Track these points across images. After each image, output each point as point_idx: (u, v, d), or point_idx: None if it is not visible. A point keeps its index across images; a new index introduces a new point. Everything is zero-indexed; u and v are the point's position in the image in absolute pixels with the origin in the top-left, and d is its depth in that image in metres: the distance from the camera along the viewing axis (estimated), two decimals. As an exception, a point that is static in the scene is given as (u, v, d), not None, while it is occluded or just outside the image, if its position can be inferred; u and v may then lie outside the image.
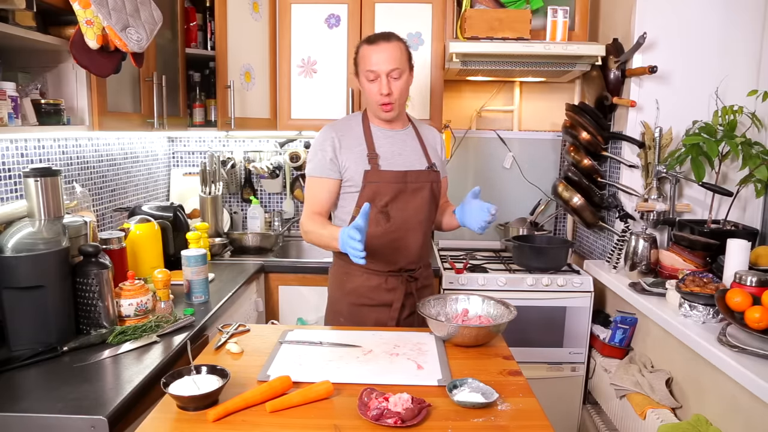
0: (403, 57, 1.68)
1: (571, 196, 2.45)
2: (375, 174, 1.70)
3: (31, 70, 1.63)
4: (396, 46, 1.67)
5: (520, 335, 2.26)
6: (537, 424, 1.10)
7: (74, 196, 1.95)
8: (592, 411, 2.33)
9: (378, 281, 1.76)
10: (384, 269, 1.75)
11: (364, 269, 1.75)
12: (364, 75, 1.69)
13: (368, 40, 1.69)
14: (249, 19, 2.45)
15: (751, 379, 1.35)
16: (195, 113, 2.51)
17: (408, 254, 1.76)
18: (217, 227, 2.54)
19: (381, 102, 1.69)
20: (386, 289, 1.76)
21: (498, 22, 2.33)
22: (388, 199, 1.71)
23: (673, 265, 2.02)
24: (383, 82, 1.65)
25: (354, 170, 1.71)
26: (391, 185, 1.71)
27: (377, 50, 1.66)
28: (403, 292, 1.75)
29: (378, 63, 1.65)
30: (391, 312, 1.75)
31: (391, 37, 1.69)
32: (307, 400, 1.16)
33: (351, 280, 1.78)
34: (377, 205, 1.70)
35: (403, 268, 1.76)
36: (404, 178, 1.72)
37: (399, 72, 1.67)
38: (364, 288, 1.76)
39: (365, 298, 1.77)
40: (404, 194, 1.72)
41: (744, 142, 1.91)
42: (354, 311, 1.78)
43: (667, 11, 2.18)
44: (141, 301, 1.58)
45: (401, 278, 1.76)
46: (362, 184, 1.70)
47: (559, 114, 2.74)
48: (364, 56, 1.69)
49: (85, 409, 1.10)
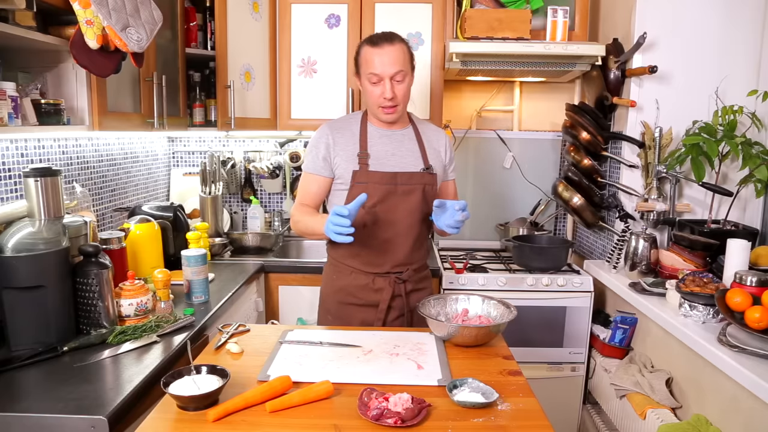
0: (406, 59, 1.66)
1: (571, 196, 2.45)
2: (363, 174, 1.68)
3: (31, 70, 1.63)
4: (399, 49, 1.64)
5: (520, 335, 2.26)
6: (537, 424, 1.10)
7: (74, 196, 1.95)
8: (592, 411, 2.33)
9: (365, 281, 1.75)
10: (372, 270, 1.74)
11: (353, 268, 1.75)
12: (366, 77, 1.66)
13: (371, 42, 1.66)
14: (249, 19, 2.45)
15: (751, 379, 1.35)
16: (195, 113, 2.51)
17: (395, 257, 1.74)
18: (217, 227, 2.54)
19: (383, 105, 1.67)
20: (373, 289, 1.75)
21: (498, 22, 2.33)
22: (376, 200, 1.69)
23: (673, 265, 2.02)
24: (387, 86, 1.63)
25: (344, 169, 1.70)
26: (380, 186, 1.68)
27: (380, 53, 1.62)
28: (390, 293, 1.74)
29: (381, 66, 1.62)
30: (378, 313, 1.74)
31: (394, 39, 1.65)
32: (307, 400, 1.16)
33: (340, 279, 1.78)
34: (365, 206, 1.67)
35: (390, 271, 1.75)
36: (394, 180, 1.69)
37: (402, 75, 1.64)
38: (352, 287, 1.76)
39: (352, 297, 1.76)
40: (394, 196, 1.70)
41: (744, 142, 1.91)
42: (341, 309, 1.78)
43: (667, 11, 2.18)
44: (141, 301, 1.58)
45: (389, 279, 1.74)
46: (351, 183, 1.69)
47: (559, 114, 2.74)
48: (366, 58, 1.65)
49: (85, 409, 1.10)
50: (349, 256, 1.76)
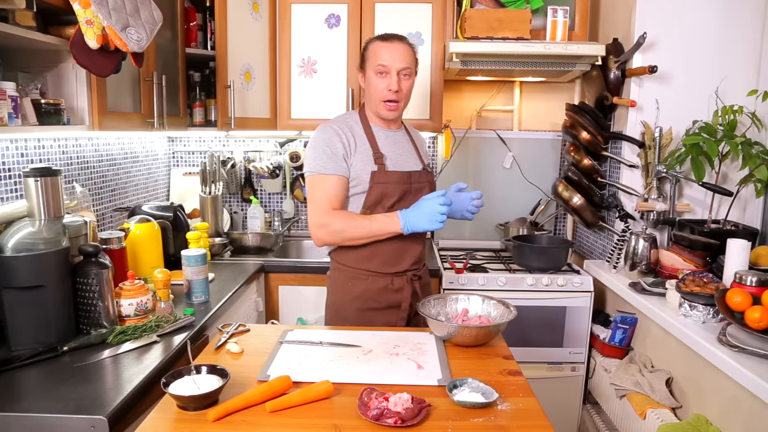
0: (412, 59, 1.72)
1: (571, 196, 2.45)
2: (382, 175, 1.69)
3: (31, 70, 1.63)
4: (408, 48, 1.71)
5: (520, 335, 2.26)
6: (537, 424, 1.10)
7: (74, 196, 1.95)
8: (592, 411, 2.33)
9: (384, 283, 1.74)
10: (390, 271, 1.74)
11: (369, 272, 1.74)
12: (373, 69, 1.69)
13: (381, 38, 1.72)
14: (249, 18, 2.45)
15: (751, 379, 1.35)
16: (195, 113, 2.51)
17: (413, 254, 1.77)
18: (217, 227, 2.54)
19: (387, 98, 1.68)
20: (393, 290, 1.75)
21: (498, 22, 2.33)
22: (395, 200, 1.71)
23: (673, 265, 2.02)
24: (393, 78, 1.67)
25: (361, 170, 1.68)
26: (398, 186, 1.71)
27: (391, 47, 1.67)
28: (410, 291, 1.75)
29: (392, 59, 1.67)
30: (401, 312, 1.74)
31: (403, 39, 1.72)
32: (307, 400, 1.15)
33: (356, 285, 1.75)
34: (384, 206, 1.70)
35: (408, 269, 1.77)
36: (409, 179, 1.73)
37: (409, 72, 1.69)
38: (371, 291, 1.74)
39: (372, 301, 1.74)
40: (409, 195, 1.73)
41: (744, 142, 1.91)
42: (362, 316, 1.74)
43: (667, 11, 2.18)
44: (141, 301, 1.58)
45: (406, 277, 1.75)
46: (369, 184, 1.69)
47: (559, 114, 2.74)
48: (375, 51, 1.69)
49: (85, 409, 1.10)
50: (364, 259, 1.73)
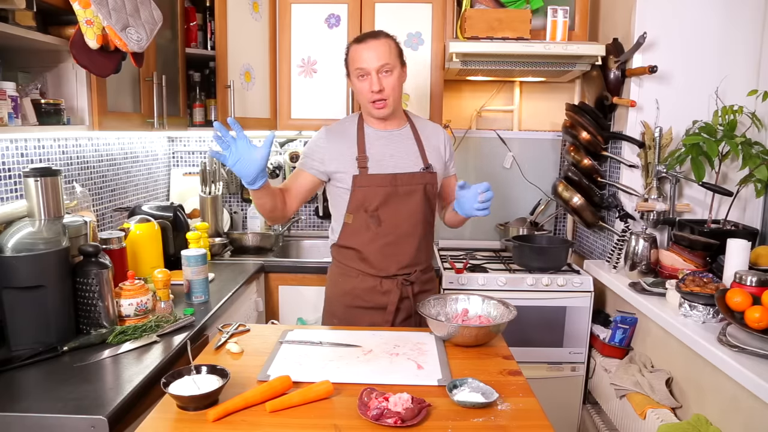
0: (392, 53, 1.67)
1: (571, 196, 2.45)
2: (364, 178, 1.69)
3: (31, 70, 1.63)
4: (384, 43, 1.66)
5: (520, 335, 2.26)
6: (537, 424, 1.10)
7: (74, 196, 1.95)
8: (592, 411, 2.33)
9: (373, 283, 1.75)
10: (378, 273, 1.74)
11: (359, 271, 1.75)
12: (354, 74, 1.69)
13: (356, 40, 1.69)
14: (249, 18, 2.45)
15: (751, 379, 1.35)
16: (195, 113, 2.50)
17: (401, 259, 1.74)
18: (217, 227, 2.54)
19: (372, 99, 1.67)
20: (381, 291, 1.74)
21: (498, 22, 2.33)
22: (378, 204, 1.69)
23: (673, 264, 2.02)
24: (373, 78, 1.64)
25: (344, 172, 1.70)
26: (381, 189, 1.69)
27: (365, 48, 1.65)
28: (398, 295, 1.74)
29: (367, 60, 1.64)
30: (386, 315, 1.74)
31: (379, 35, 1.68)
32: (307, 400, 1.16)
33: (346, 282, 1.77)
34: (368, 210, 1.69)
35: (397, 273, 1.75)
36: (394, 182, 1.70)
37: (389, 67, 1.65)
38: (359, 290, 1.75)
39: (360, 299, 1.76)
40: (395, 198, 1.70)
41: (744, 142, 1.91)
42: (348, 313, 1.77)
43: (667, 11, 2.18)
44: (141, 301, 1.58)
45: (396, 281, 1.74)
46: (351, 188, 1.69)
47: (559, 114, 2.74)
48: (353, 56, 1.68)
49: (85, 409, 1.10)
50: (355, 260, 1.76)
